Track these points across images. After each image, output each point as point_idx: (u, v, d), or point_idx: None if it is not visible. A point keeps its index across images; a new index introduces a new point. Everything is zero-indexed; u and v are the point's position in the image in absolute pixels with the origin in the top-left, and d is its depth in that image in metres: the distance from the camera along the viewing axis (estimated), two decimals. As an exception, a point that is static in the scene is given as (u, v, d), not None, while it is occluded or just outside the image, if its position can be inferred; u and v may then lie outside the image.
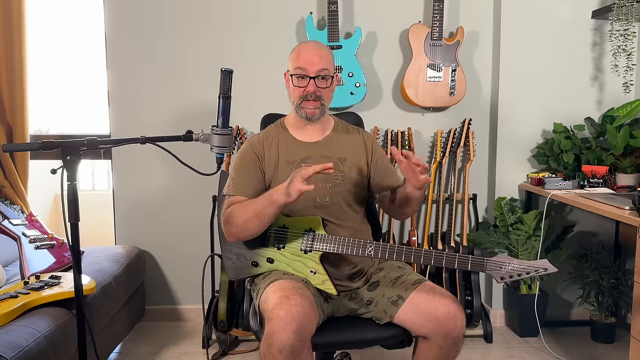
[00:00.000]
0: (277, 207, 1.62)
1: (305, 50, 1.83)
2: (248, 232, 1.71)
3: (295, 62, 1.81)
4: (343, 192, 1.83)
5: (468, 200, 2.89)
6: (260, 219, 1.65)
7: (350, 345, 1.97)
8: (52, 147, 1.40)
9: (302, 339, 1.50)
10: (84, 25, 3.27)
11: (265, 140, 1.87)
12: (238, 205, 1.73)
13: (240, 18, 2.89)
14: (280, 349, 1.48)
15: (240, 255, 1.82)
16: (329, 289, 1.74)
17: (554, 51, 2.85)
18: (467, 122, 2.83)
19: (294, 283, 1.65)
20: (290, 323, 1.49)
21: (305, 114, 1.82)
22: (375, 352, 2.62)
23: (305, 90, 1.80)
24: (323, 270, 1.74)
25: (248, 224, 1.68)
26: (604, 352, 2.66)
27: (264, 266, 1.79)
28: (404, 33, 2.90)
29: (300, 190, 1.54)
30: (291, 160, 1.83)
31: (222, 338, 2.65)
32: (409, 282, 1.74)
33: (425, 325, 1.66)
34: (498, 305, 3.00)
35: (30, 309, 1.89)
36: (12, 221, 2.47)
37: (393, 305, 1.71)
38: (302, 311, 1.52)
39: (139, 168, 2.95)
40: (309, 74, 1.79)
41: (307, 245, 1.75)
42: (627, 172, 2.57)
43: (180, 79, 2.91)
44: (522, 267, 1.60)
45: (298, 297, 1.55)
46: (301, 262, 1.76)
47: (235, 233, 1.72)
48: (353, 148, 1.90)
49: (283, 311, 1.50)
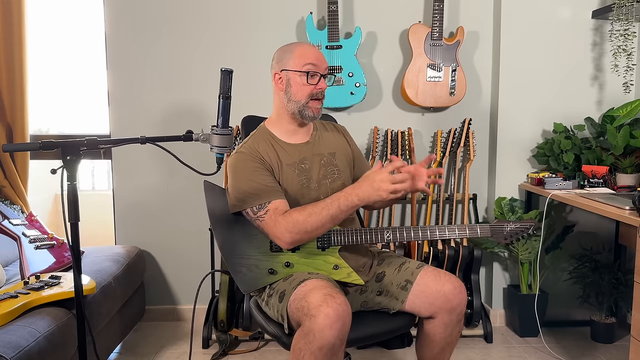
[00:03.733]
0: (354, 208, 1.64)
1: (310, 49, 1.79)
2: (315, 236, 1.69)
3: (304, 60, 1.75)
4: (341, 185, 1.84)
5: (468, 200, 2.88)
6: (335, 222, 1.66)
7: (366, 339, 1.92)
8: (52, 147, 1.40)
9: (342, 338, 1.51)
10: (84, 26, 3.27)
11: (258, 147, 1.79)
12: (302, 213, 1.65)
13: (241, 18, 2.89)
14: (321, 347, 1.47)
15: (252, 265, 1.76)
16: (356, 280, 1.77)
17: (554, 51, 2.85)
18: (467, 122, 2.83)
19: (329, 282, 1.64)
20: (337, 321, 1.48)
21: (313, 114, 1.78)
22: (375, 352, 2.62)
23: (316, 88, 1.76)
24: (345, 264, 1.76)
25: (320, 230, 1.66)
26: (604, 352, 2.66)
27: (282, 272, 1.76)
28: (404, 33, 2.90)
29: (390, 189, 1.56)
30: (291, 162, 1.81)
31: (222, 338, 2.65)
32: (413, 267, 1.79)
33: (433, 303, 1.71)
34: (498, 305, 3.00)
35: (30, 309, 1.89)
36: (12, 221, 2.47)
37: (403, 290, 1.75)
38: (347, 310, 1.52)
39: (139, 168, 2.95)
40: (321, 71, 1.76)
41: (323, 241, 1.76)
42: (627, 172, 2.57)
43: (181, 79, 2.91)
44: (517, 227, 1.82)
45: (341, 295, 1.55)
46: (321, 259, 1.76)
47: (299, 239, 1.67)
48: (337, 142, 1.92)
49: (331, 309, 1.48)
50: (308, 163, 1.82)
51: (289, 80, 1.78)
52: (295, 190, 1.79)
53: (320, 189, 1.81)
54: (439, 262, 2.78)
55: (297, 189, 1.79)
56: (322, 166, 1.83)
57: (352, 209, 1.63)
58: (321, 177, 1.82)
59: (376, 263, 1.90)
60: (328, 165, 1.84)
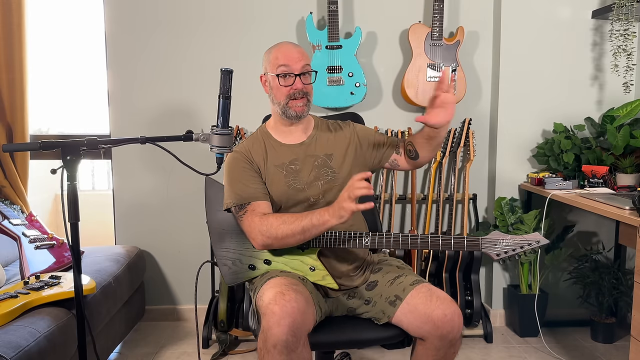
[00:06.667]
0: (327, 228, 1.63)
1: (284, 49, 1.80)
2: (285, 245, 1.70)
3: (277, 62, 1.78)
4: (335, 187, 1.82)
5: (468, 200, 2.88)
6: (305, 235, 1.65)
7: (349, 344, 1.97)
8: (52, 147, 1.40)
9: (296, 334, 1.50)
10: (84, 25, 3.27)
11: (250, 147, 1.84)
12: (275, 220, 1.68)
13: (241, 18, 2.89)
14: (274, 344, 1.48)
15: (236, 260, 1.81)
16: (330, 284, 1.75)
17: (554, 51, 2.85)
18: (467, 122, 2.83)
19: (289, 280, 1.65)
20: (284, 318, 1.49)
21: (295, 113, 1.79)
22: (375, 352, 2.62)
23: (292, 88, 1.78)
24: (322, 266, 1.75)
25: (290, 239, 1.67)
26: (604, 352, 2.66)
27: (261, 268, 1.79)
28: (404, 33, 2.90)
29: (353, 210, 1.55)
30: (280, 163, 1.82)
31: (222, 338, 2.65)
32: (407, 283, 1.73)
33: (421, 327, 1.65)
34: (498, 305, 3.00)
35: (30, 309, 1.89)
36: (12, 221, 2.47)
37: (391, 306, 1.71)
38: (297, 307, 1.52)
39: (139, 168, 2.95)
40: (294, 71, 1.77)
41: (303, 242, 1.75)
42: (627, 172, 2.57)
43: (181, 78, 2.91)
44: (516, 242, 1.64)
45: (293, 292, 1.56)
46: (299, 260, 1.77)
47: (270, 244, 1.70)
48: (337, 142, 1.88)
49: (277, 306, 1.51)
50: (299, 164, 1.82)
51: (270, 82, 1.83)
52: (281, 192, 1.79)
53: (309, 190, 1.80)
54: (439, 262, 2.78)
55: (283, 190, 1.79)
56: (315, 167, 1.82)
57: (324, 224, 1.62)
58: (312, 178, 1.81)
59: (371, 270, 1.88)
60: (322, 167, 1.83)
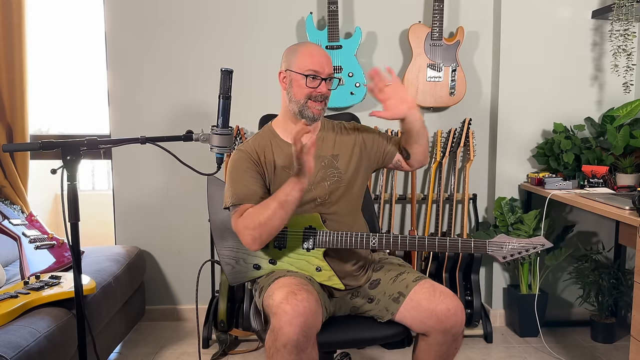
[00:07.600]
0: (300, 191, 1.61)
1: (316, 52, 1.80)
2: (272, 229, 1.66)
3: (308, 64, 1.77)
4: (342, 187, 1.83)
5: (468, 200, 2.88)
6: (286, 209, 1.62)
7: (352, 344, 1.97)
8: (52, 147, 1.40)
9: (307, 334, 1.51)
10: (84, 25, 3.27)
11: (257, 146, 1.83)
12: (254, 209, 1.68)
13: (241, 18, 2.89)
14: (284, 344, 1.48)
15: (240, 259, 1.81)
16: (336, 284, 1.75)
17: (554, 51, 2.85)
18: (467, 122, 2.83)
19: (299, 279, 1.65)
20: (296, 318, 1.49)
21: (312, 114, 1.79)
22: (375, 352, 2.62)
23: (316, 91, 1.78)
24: (328, 267, 1.76)
25: (274, 220, 1.63)
26: (604, 352, 2.66)
27: (266, 268, 1.79)
28: (404, 33, 2.90)
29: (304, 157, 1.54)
30: (287, 164, 1.81)
31: (222, 338, 2.65)
32: (409, 280, 1.75)
33: (425, 322, 1.67)
34: (498, 305, 3.00)
35: (30, 309, 1.90)
36: (12, 221, 2.47)
37: (394, 302, 1.72)
38: (309, 306, 1.52)
39: (139, 168, 2.95)
40: (323, 75, 1.78)
41: (309, 243, 1.75)
42: (627, 172, 2.57)
43: (181, 78, 2.91)
44: (521, 245, 1.68)
45: (304, 292, 1.56)
46: (305, 260, 1.76)
47: (259, 235, 1.66)
48: (343, 144, 1.89)
49: (289, 306, 1.50)
50: None
51: (292, 80, 1.80)
52: None
53: (316, 190, 1.80)
54: (439, 262, 2.78)
55: None
56: (322, 168, 1.83)
57: (294, 188, 1.60)
58: (319, 179, 1.81)
59: (373, 268, 1.89)
60: (328, 167, 1.84)
